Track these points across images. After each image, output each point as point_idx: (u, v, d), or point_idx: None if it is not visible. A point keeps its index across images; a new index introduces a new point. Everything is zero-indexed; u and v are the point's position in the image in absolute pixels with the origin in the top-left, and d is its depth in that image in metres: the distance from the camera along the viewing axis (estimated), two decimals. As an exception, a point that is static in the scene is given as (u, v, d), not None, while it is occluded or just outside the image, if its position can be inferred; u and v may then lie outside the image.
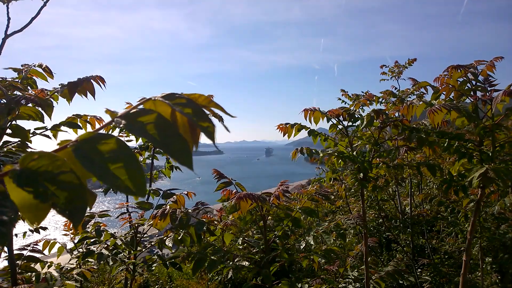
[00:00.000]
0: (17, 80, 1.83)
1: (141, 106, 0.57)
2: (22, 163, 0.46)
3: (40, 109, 1.25)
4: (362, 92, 5.33)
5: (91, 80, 1.36)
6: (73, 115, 2.12)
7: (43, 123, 1.36)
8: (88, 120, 2.22)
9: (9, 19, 2.08)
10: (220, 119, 0.65)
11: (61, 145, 0.50)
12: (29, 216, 0.46)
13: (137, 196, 0.48)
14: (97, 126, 2.25)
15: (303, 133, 2.92)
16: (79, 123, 2.13)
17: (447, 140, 2.37)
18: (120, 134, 4.02)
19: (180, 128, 0.58)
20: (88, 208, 0.52)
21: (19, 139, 1.40)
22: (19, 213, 0.44)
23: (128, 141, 4.08)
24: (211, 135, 0.56)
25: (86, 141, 0.49)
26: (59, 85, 1.56)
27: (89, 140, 0.49)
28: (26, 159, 0.46)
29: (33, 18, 2.18)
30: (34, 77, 1.97)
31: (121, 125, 0.51)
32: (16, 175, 0.45)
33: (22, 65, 1.99)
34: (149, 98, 0.58)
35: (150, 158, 4.27)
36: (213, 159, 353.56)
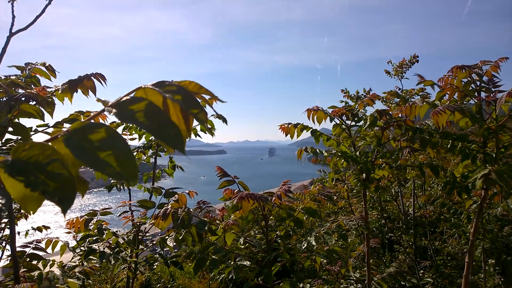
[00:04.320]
0: (20, 78, 1.84)
1: (132, 95, 0.57)
2: (14, 154, 0.47)
3: (40, 107, 1.25)
4: (363, 91, 5.25)
5: (92, 78, 1.37)
6: (75, 112, 2.12)
7: (43, 121, 1.37)
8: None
9: (13, 17, 2.09)
10: (212, 100, 0.65)
11: (53, 135, 0.50)
12: (23, 203, 0.47)
13: (129, 182, 0.50)
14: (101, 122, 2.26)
15: (306, 133, 2.90)
16: (82, 120, 2.14)
17: (450, 141, 2.35)
18: (124, 132, 4.02)
19: (173, 117, 0.59)
20: (81, 197, 0.53)
21: (20, 137, 1.41)
22: (15, 201, 0.46)
23: (131, 139, 4.08)
24: (202, 120, 0.57)
25: (77, 130, 0.50)
26: (61, 84, 1.57)
27: (80, 130, 0.50)
28: (18, 149, 0.47)
29: (37, 16, 2.19)
30: (38, 76, 1.98)
31: (112, 113, 0.52)
32: (7, 165, 0.46)
33: (25, 64, 2.00)
34: (140, 86, 0.59)
35: (153, 157, 4.28)
36: (215, 159, 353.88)
